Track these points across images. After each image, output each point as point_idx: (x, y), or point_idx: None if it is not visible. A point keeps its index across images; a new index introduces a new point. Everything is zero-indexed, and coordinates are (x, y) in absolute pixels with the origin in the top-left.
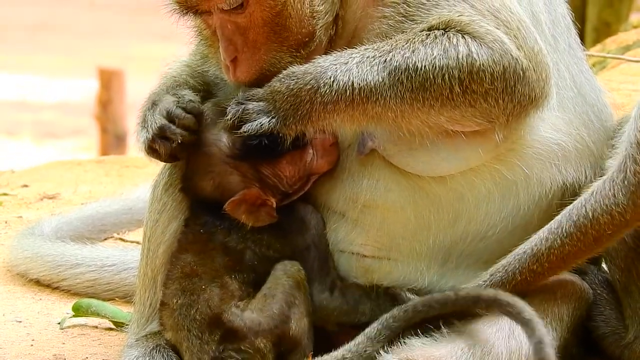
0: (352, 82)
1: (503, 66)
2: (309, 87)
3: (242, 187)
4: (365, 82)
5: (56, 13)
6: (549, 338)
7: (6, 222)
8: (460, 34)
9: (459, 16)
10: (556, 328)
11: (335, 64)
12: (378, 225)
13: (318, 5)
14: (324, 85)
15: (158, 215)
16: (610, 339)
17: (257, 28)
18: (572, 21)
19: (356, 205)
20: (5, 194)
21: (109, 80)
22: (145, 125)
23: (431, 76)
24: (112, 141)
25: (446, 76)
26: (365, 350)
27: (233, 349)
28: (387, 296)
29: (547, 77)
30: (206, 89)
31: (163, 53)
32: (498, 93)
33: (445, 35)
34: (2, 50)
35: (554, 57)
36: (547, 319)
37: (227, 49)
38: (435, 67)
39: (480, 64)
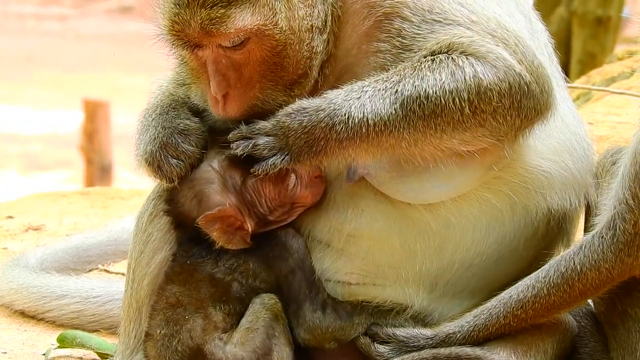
0: (367, 118)
1: (508, 82)
2: (323, 124)
3: (219, 200)
4: (379, 117)
5: (42, 45)
6: None
7: None
8: (464, 56)
9: (458, 38)
10: None
11: (348, 100)
12: (363, 255)
13: (316, 47)
14: (339, 123)
15: (143, 246)
16: None
17: (254, 66)
18: (554, 50)
19: (341, 235)
20: None
21: (94, 112)
22: (159, 145)
23: (442, 101)
24: (97, 173)
25: (456, 99)
26: None
27: None
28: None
29: (549, 89)
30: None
31: (148, 85)
32: (506, 110)
33: (450, 58)
34: None
35: None
36: (532, 352)
37: (219, 83)
38: (445, 91)
39: (487, 84)
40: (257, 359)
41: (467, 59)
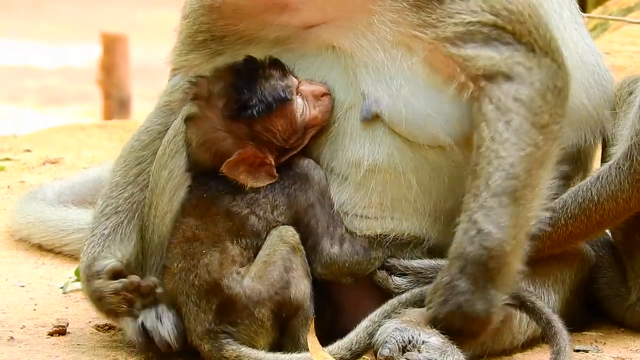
0: (504, 242)
1: (547, 86)
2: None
3: (238, 149)
4: (513, 226)
5: None
6: (556, 317)
7: (9, 187)
8: (497, 90)
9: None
10: (559, 291)
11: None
12: (381, 189)
13: None
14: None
15: (165, 182)
16: (612, 301)
17: None
18: None
19: (359, 169)
20: (7, 159)
21: (112, 45)
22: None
23: (525, 159)
24: (115, 106)
25: (529, 145)
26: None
27: (229, 322)
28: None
29: (562, 60)
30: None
31: (167, 19)
32: (552, 103)
33: (495, 106)
34: (5, 16)
35: (560, 26)
36: (550, 282)
37: None
38: (519, 154)
39: (534, 104)
40: (274, 292)
41: (504, 95)
